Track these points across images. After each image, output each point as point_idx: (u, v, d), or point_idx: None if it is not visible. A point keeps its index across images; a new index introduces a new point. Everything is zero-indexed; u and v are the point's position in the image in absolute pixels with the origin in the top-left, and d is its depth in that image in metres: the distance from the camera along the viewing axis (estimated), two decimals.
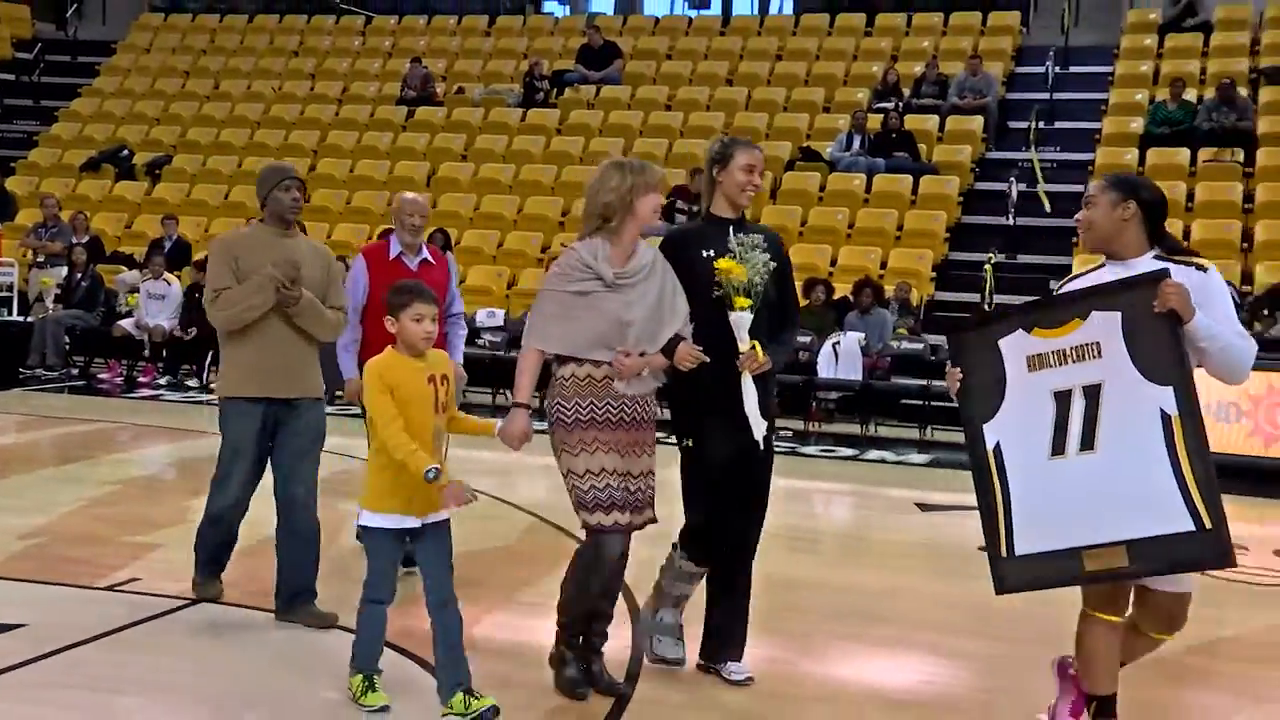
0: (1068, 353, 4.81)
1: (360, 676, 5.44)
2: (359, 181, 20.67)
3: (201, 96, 24.34)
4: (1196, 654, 6.52)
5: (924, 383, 14.62)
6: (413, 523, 5.35)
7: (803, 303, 15.78)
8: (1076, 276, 5.24)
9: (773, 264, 5.65)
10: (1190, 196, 17.70)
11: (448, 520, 5.45)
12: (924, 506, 10.53)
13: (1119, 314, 4.71)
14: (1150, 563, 4.66)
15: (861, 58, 22.28)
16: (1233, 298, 5.17)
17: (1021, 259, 17.79)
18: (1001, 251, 17.53)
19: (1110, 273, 4.95)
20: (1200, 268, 4.85)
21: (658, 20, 24.99)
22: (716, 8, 25.50)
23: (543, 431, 5.56)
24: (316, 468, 6.66)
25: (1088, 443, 4.74)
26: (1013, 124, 20.40)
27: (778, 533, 9.93)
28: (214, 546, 6.79)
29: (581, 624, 5.71)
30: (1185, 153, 18.39)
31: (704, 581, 5.97)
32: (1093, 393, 4.74)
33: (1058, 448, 4.79)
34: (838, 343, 14.96)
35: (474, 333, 15.71)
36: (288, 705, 5.59)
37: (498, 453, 6.28)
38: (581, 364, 5.52)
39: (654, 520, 5.65)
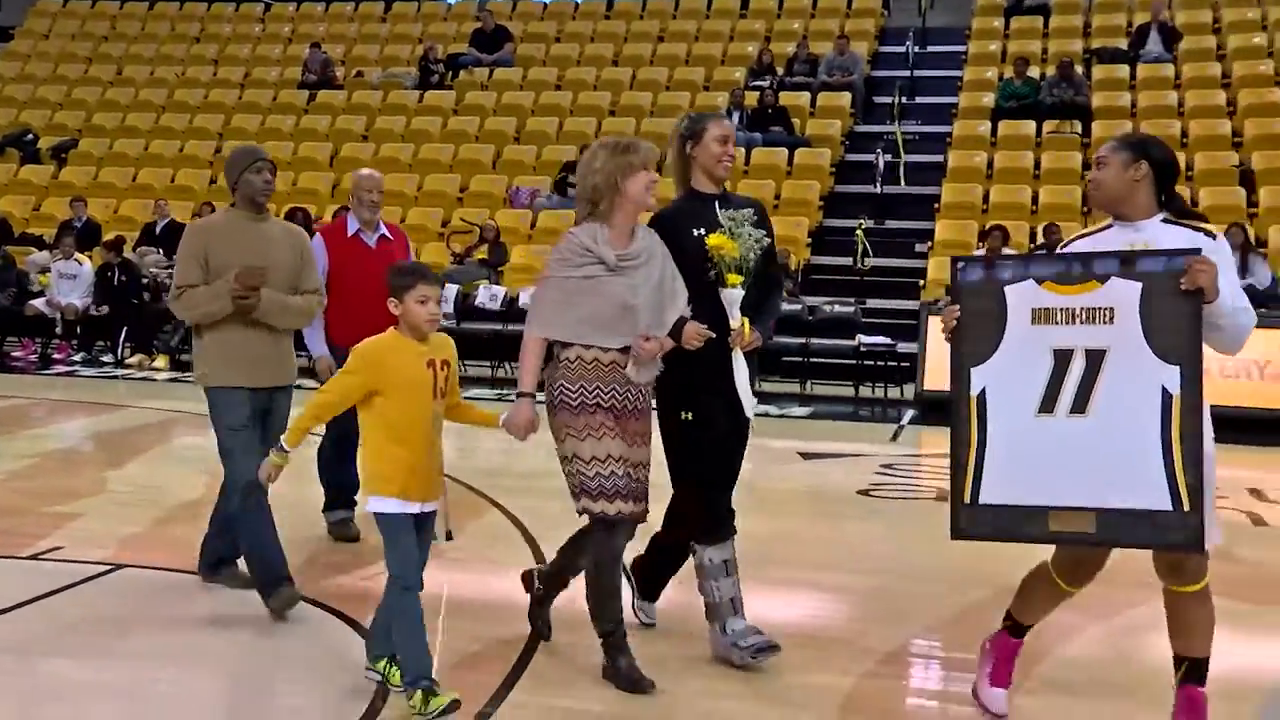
0: (1078, 313, 4.46)
1: (420, 693, 4.66)
2: None
3: (105, 82, 23.83)
4: None
5: (803, 340, 14.71)
6: (415, 508, 4.85)
7: None
8: (1081, 236, 4.91)
9: (766, 239, 5.34)
10: (1037, 164, 18.14)
11: (435, 512, 4.98)
12: (805, 455, 10.60)
13: (1140, 284, 4.38)
14: (1117, 534, 4.43)
15: (737, 39, 22.31)
16: None
17: (889, 224, 18.03)
18: (871, 218, 17.68)
19: (1117, 233, 4.67)
20: (1210, 234, 4.57)
21: (546, 5, 24.81)
22: None
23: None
24: None
25: (1080, 406, 4.44)
26: (878, 99, 20.59)
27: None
28: (268, 546, 5.90)
29: (622, 623, 5.19)
30: (1031, 125, 18.83)
31: (639, 532, 5.39)
32: (1096, 357, 4.43)
33: (1047, 405, 4.48)
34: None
35: None
36: (211, 661, 5.45)
37: None
38: (588, 348, 5.06)
39: (646, 512, 5.21)
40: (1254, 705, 5.24)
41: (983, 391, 4.55)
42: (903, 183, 18.68)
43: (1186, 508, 4.28)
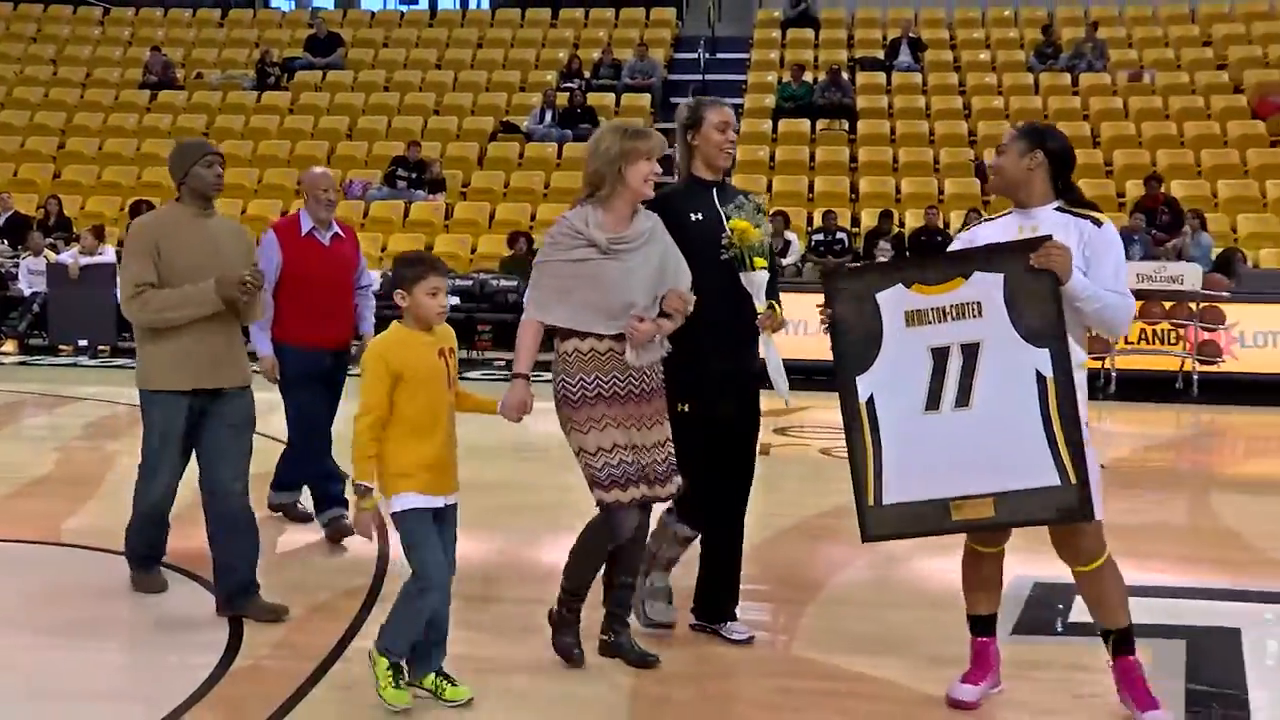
0: (948, 310, 4.22)
1: (385, 662, 4.27)
2: (108, 158, 19.67)
3: None
4: (835, 516, 6.84)
5: None
6: (439, 502, 4.33)
7: (508, 252, 15.90)
8: (985, 221, 4.67)
9: (773, 224, 5.04)
10: (812, 158, 18.55)
11: (457, 504, 4.45)
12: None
13: (1001, 275, 4.18)
14: (1015, 514, 4.23)
15: (549, 46, 22.29)
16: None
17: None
18: None
19: (1012, 220, 4.45)
20: (1096, 221, 4.34)
21: (374, 14, 24.49)
22: (424, 3, 25.12)
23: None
24: (248, 456, 5.36)
25: (963, 399, 4.20)
26: (674, 99, 20.65)
27: (504, 445, 10.00)
28: (153, 540, 5.56)
29: (584, 595, 4.77)
30: (806, 123, 19.24)
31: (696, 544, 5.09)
32: (971, 351, 4.20)
33: (932, 403, 4.23)
34: None
35: None
36: (67, 626, 5.26)
37: None
38: (584, 338, 4.56)
39: (680, 490, 4.73)
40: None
41: (870, 398, 4.28)
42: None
43: (1073, 480, 4.12)
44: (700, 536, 5.05)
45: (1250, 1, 22.01)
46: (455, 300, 15.01)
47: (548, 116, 19.39)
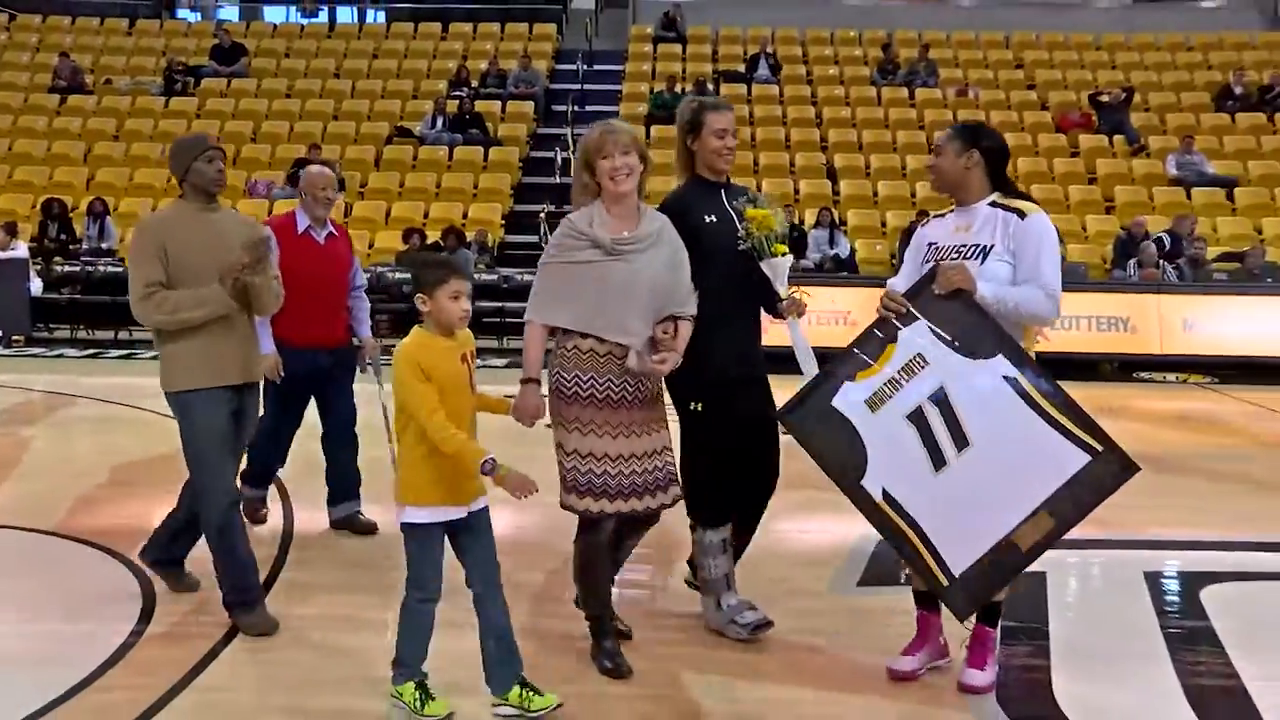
0: (898, 378, 4.00)
1: (412, 685, 3.89)
2: (19, 158, 18.95)
3: None
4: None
5: (499, 305, 14.85)
6: (459, 513, 3.89)
7: (403, 247, 15.76)
8: (933, 218, 4.42)
9: (781, 212, 4.50)
10: None
11: (488, 506, 4.00)
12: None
13: (921, 321, 4.00)
14: (1073, 510, 3.94)
15: (439, 57, 22.08)
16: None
17: (566, 208, 17.96)
18: (552, 204, 17.80)
19: (955, 217, 4.26)
20: (1020, 213, 4.13)
21: (276, 26, 24.00)
22: (324, 16, 24.68)
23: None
24: (239, 457, 4.96)
25: (961, 442, 3.95)
26: (556, 107, 20.73)
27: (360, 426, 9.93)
28: (243, 564, 4.71)
29: (601, 609, 4.37)
30: (674, 129, 19.09)
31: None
32: (941, 396, 3.96)
33: (937, 462, 3.97)
34: None
35: None
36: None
37: None
38: (585, 337, 4.16)
39: (678, 499, 4.37)
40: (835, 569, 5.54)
41: (885, 492, 4.01)
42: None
43: (1100, 447, 3.91)
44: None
45: (1053, 33, 22.76)
46: None
47: (438, 122, 19.25)
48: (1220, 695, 4.35)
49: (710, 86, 20.10)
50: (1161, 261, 15.05)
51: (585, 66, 22.03)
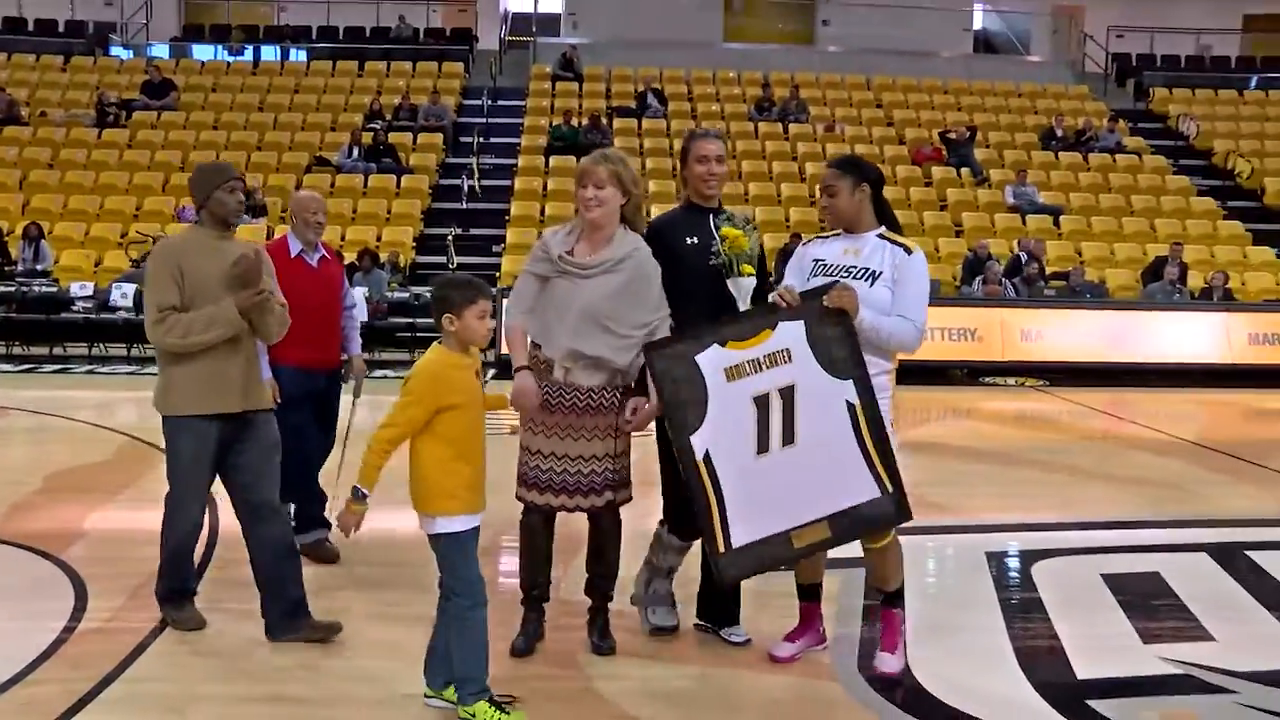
0: (762, 360, 3.97)
1: (485, 702, 3.65)
2: None
3: None
4: None
5: (410, 320, 14.72)
6: (478, 520, 3.74)
7: None
8: (814, 240, 4.37)
9: (758, 235, 4.36)
10: None
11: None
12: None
13: (802, 322, 3.99)
14: (848, 530, 4.03)
15: (355, 92, 21.80)
16: None
17: (473, 231, 18.04)
18: (459, 226, 17.74)
19: (842, 241, 4.21)
20: (907, 250, 4.14)
21: (204, 63, 23.45)
22: (249, 55, 24.15)
23: None
24: (278, 479, 4.57)
25: (789, 438, 3.96)
26: (463, 139, 20.61)
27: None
28: (185, 574, 4.57)
29: (534, 590, 4.36)
30: (573, 159, 19.15)
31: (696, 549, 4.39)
32: (788, 393, 3.97)
33: (762, 446, 3.96)
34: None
35: (70, 302, 14.65)
36: None
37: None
38: (538, 346, 4.20)
39: (612, 503, 4.26)
40: None
41: (707, 454, 3.96)
42: (481, 200, 18.78)
43: (890, 489, 4.00)
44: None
45: (907, 78, 23.21)
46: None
47: (354, 152, 19.02)
48: (1043, 654, 4.54)
49: (604, 121, 20.19)
50: (1003, 279, 15.49)
51: (490, 102, 21.96)
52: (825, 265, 4.22)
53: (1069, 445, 9.88)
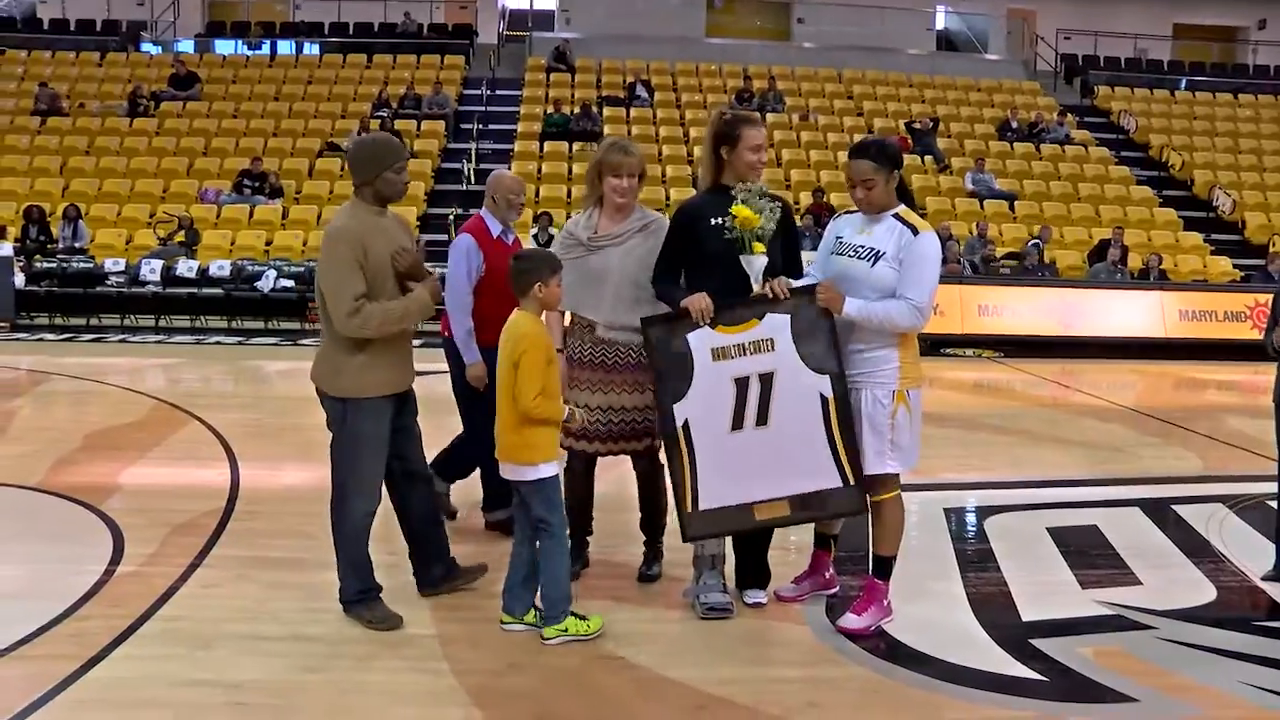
0: (746, 346, 3.99)
1: (571, 617, 3.97)
2: (3, 171, 18.02)
3: None
4: None
5: None
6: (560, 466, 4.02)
7: None
8: (849, 214, 4.20)
9: (778, 209, 4.09)
10: (569, 171, 18.56)
11: None
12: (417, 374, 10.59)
13: (788, 316, 3.99)
14: (807, 511, 4.07)
15: (364, 83, 21.62)
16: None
17: (472, 211, 17.70)
18: (460, 207, 17.68)
19: (862, 219, 4.08)
20: (915, 230, 3.98)
21: (225, 57, 23.22)
22: (266, 49, 23.92)
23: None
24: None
25: (762, 419, 3.98)
26: (463, 126, 20.49)
27: (295, 395, 9.82)
28: (369, 568, 4.16)
29: (577, 526, 4.53)
30: (565, 145, 19.24)
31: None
32: (767, 379, 3.99)
33: (737, 423, 3.99)
34: None
35: (104, 276, 14.62)
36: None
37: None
38: (576, 314, 4.36)
39: (651, 449, 4.38)
40: None
41: (686, 423, 4.01)
42: (479, 183, 18.69)
43: (852, 482, 4.01)
44: None
45: (875, 71, 23.08)
46: (290, 283, 14.61)
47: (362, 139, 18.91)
48: (992, 599, 4.62)
49: (595, 110, 20.10)
50: (960, 258, 15.52)
51: (489, 92, 21.80)
52: (842, 243, 4.12)
53: (1021, 411, 9.95)
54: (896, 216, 4.04)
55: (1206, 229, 18.80)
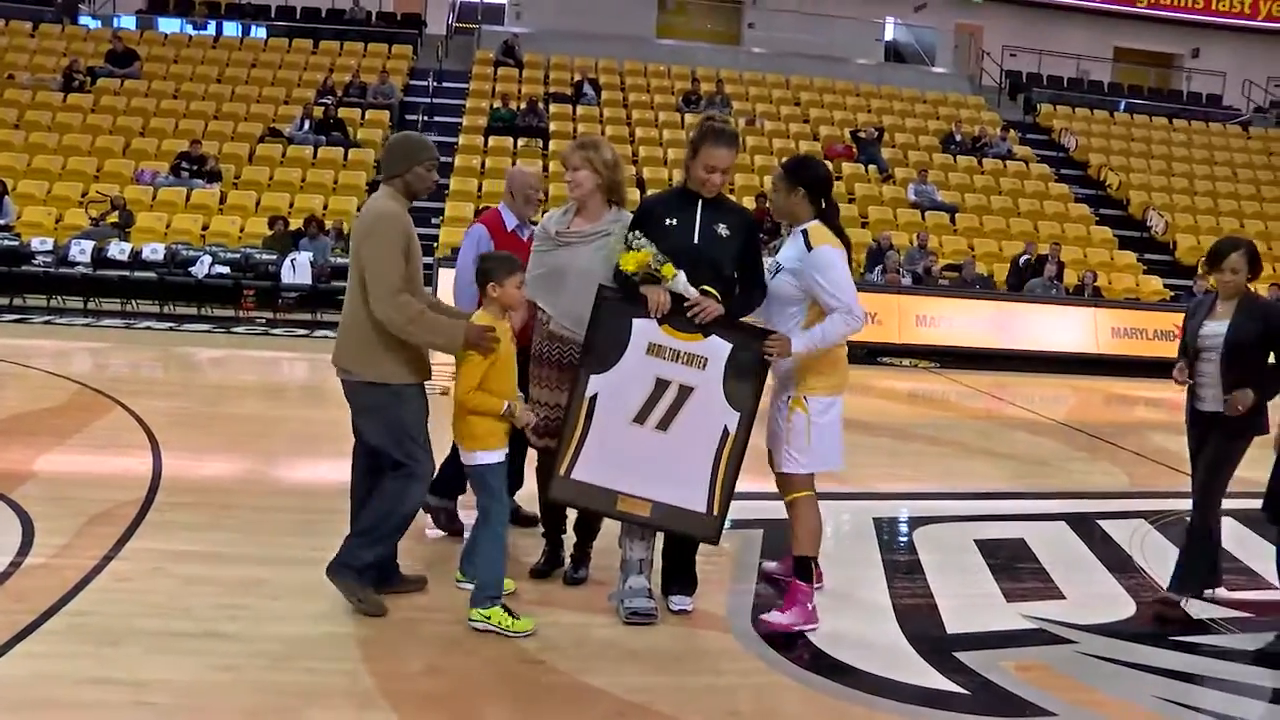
0: (681, 355, 4.04)
1: (499, 609, 4.02)
2: None
3: None
4: None
5: None
6: (504, 454, 4.12)
7: (269, 232, 15.21)
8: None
9: (643, 241, 4.03)
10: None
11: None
12: None
13: (731, 345, 4.06)
14: (663, 521, 4.13)
15: (309, 69, 21.29)
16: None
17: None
18: None
19: (786, 230, 4.34)
20: (809, 245, 4.15)
21: (167, 35, 22.72)
22: (211, 29, 23.45)
23: None
24: None
25: (664, 425, 4.06)
26: (409, 117, 20.27)
27: (256, 382, 9.63)
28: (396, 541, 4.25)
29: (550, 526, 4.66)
30: (510, 140, 19.07)
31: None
32: (685, 392, 4.05)
33: (640, 418, 4.05)
34: (295, 258, 14.45)
35: (30, 255, 14.20)
36: None
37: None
38: (541, 309, 4.34)
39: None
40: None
41: (595, 395, 4.07)
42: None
43: (715, 512, 4.10)
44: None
45: (823, 79, 23.35)
46: (226, 270, 14.34)
47: (306, 125, 18.61)
48: (918, 611, 4.64)
49: (541, 106, 20.00)
50: (901, 267, 15.67)
51: (435, 83, 21.58)
52: (766, 261, 4.32)
53: (955, 422, 10.06)
54: (803, 232, 4.23)
55: (1140, 248, 19.21)
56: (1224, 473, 4.72)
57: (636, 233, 4.06)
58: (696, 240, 4.12)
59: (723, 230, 4.15)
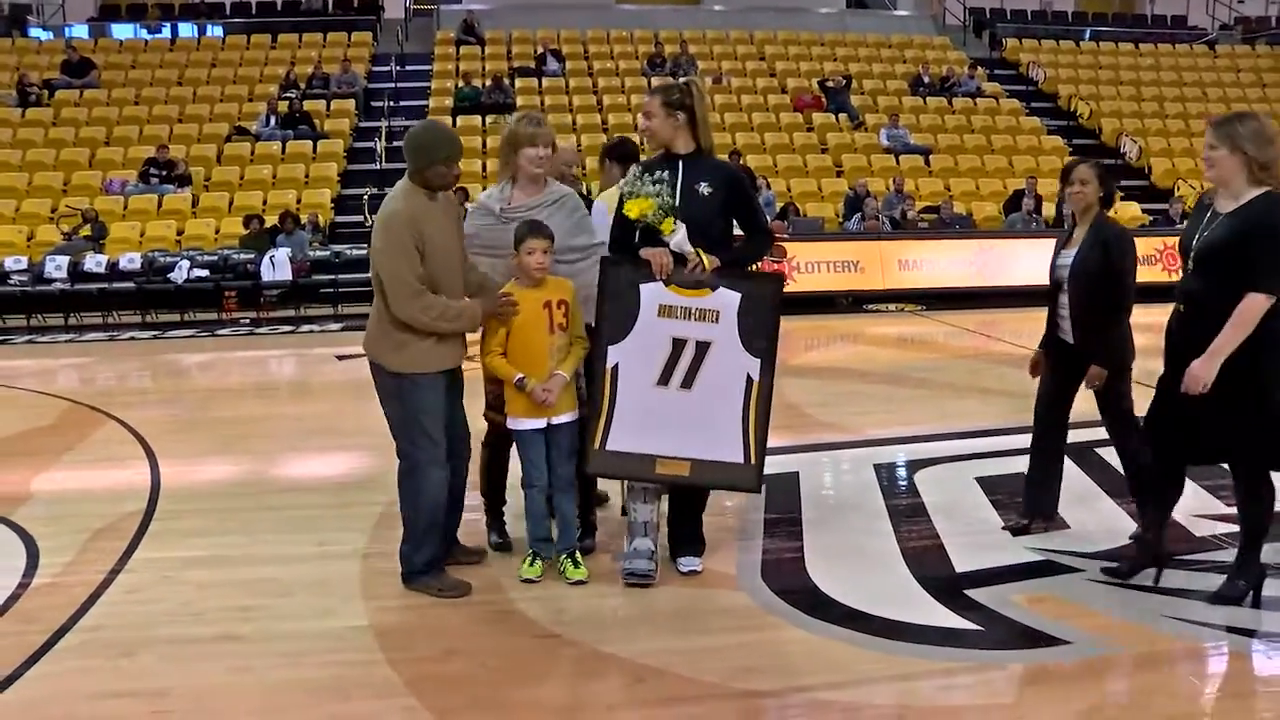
0: (693, 311, 4.10)
1: (530, 555, 4.32)
2: None
3: None
4: None
5: (333, 277, 14.38)
6: (541, 423, 4.19)
7: (245, 232, 15.07)
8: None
9: (664, 182, 4.08)
10: (483, 145, 18.16)
11: (573, 421, 4.25)
12: (341, 357, 10.39)
13: (739, 295, 4.11)
14: (704, 477, 4.19)
15: (270, 64, 21.06)
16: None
17: (387, 190, 17.39)
18: (374, 186, 17.35)
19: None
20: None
21: (122, 42, 22.44)
22: (167, 32, 23.15)
23: None
24: None
25: (688, 383, 4.11)
26: (374, 104, 20.11)
27: (245, 383, 9.59)
28: (438, 536, 4.26)
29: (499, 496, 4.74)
30: (477, 118, 18.93)
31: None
32: (703, 347, 4.11)
33: (663, 379, 4.11)
34: (273, 255, 14.35)
35: (5, 276, 14.07)
36: None
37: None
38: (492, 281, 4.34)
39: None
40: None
41: (615, 365, 4.13)
42: (393, 161, 18.29)
43: (753, 460, 4.15)
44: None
45: (787, 31, 23.18)
46: (205, 273, 14.23)
47: (272, 121, 18.43)
48: (926, 552, 4.66)
49: (506, 82, 19.85)
50: (879, 214, 15.65)
51: (398, 68, 21.38)
52: None
53: (945, 363, 10.07)
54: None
55: (1116, 175, 19.12)
56: (1124, 405, 4.66)
57: (645, 177, 4.10)
58: (677, 201, 4.14)
59: (704, 189, 4.17)
